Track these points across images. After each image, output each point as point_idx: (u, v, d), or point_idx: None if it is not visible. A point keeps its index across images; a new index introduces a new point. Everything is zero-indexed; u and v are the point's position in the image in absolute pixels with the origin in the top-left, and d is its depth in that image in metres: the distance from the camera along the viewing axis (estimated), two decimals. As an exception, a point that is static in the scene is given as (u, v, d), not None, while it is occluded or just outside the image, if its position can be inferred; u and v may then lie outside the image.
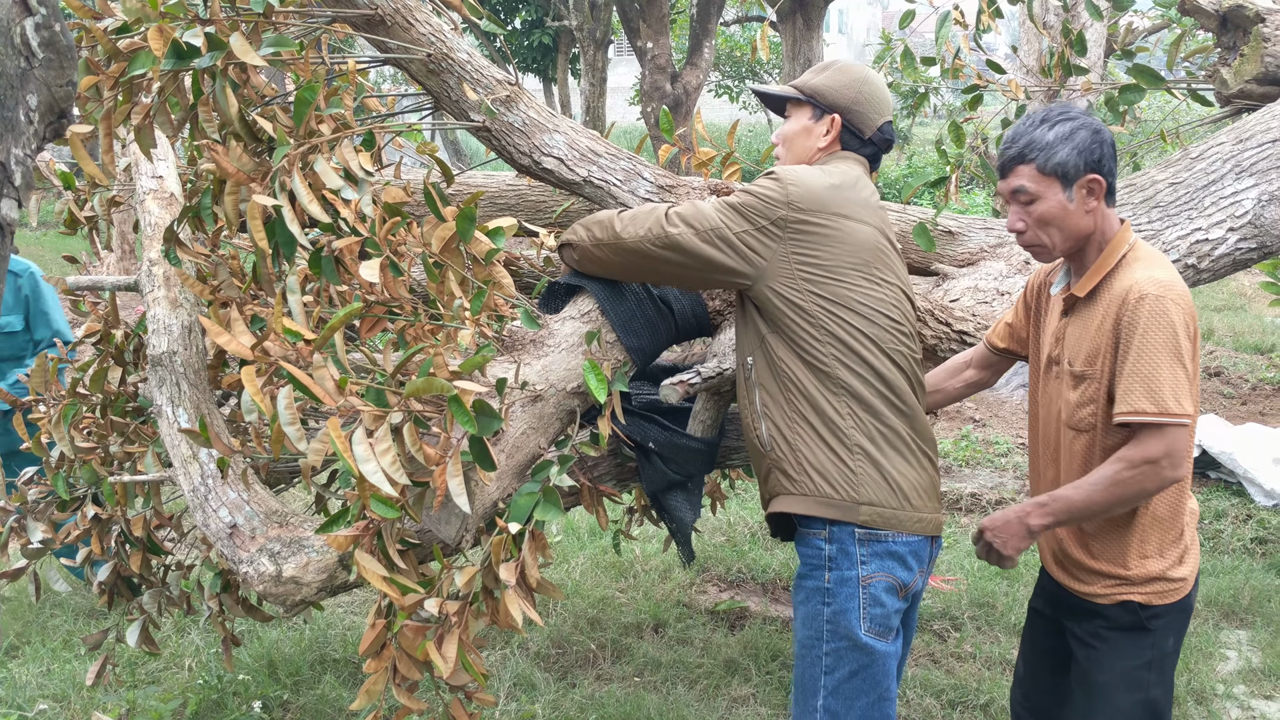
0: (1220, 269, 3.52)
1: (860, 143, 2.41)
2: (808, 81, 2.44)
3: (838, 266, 2.21)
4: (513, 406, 2.29)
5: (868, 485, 2.20)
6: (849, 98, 2.38)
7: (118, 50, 2.09)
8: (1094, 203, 2.21)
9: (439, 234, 2.32)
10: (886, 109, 2.43)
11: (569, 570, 4.69)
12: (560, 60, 17.11)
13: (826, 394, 2.21)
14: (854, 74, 2.41)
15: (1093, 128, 2.19)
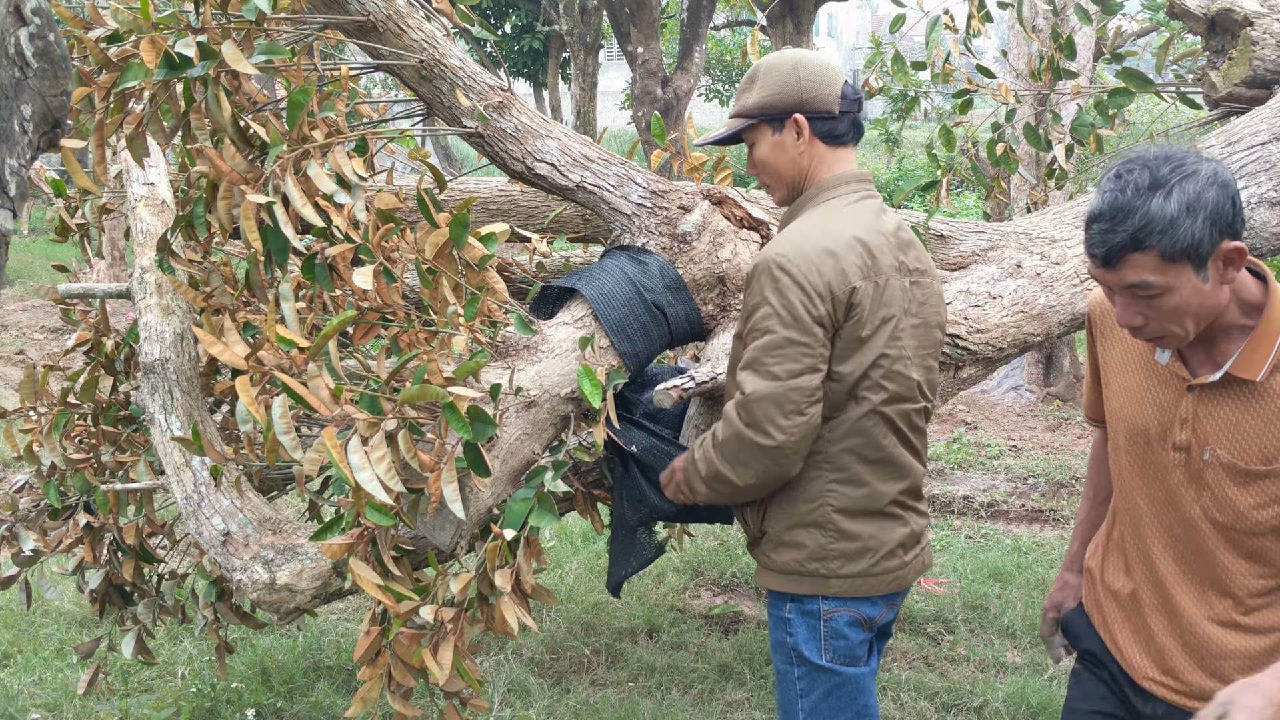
0: (1210, 271, 3.54)
1: (835, 120, 2.21)
2: (747, 103, 2.26)
3: (855, 337, 2.11)
4: (507, 412, 2.29)
5: (842, 560, 2.17)
6: (796, 91, 2.18)
7: (109, 60, 2.08)
8: (1233, 273, 1.73)
9: (432, 240, 2.32)
10: (834, 73, 2.22)
11: (563, 575, 4.69)
12: (551, 65, 17.11)
13: (812, 469, 2.15)
14: (783, 66, 2.22)
15: (1219, 180, 1.68)
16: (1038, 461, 6.09)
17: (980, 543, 5.15)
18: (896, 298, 2.15)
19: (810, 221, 2.17)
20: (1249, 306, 1.79)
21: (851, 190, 2.22)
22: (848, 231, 2.11)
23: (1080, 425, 6.77)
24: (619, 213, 2.58)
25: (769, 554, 2.25)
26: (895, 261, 2.16)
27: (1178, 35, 5.00)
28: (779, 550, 2.22)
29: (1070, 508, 5.48)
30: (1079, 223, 3.55)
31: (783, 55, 2.26)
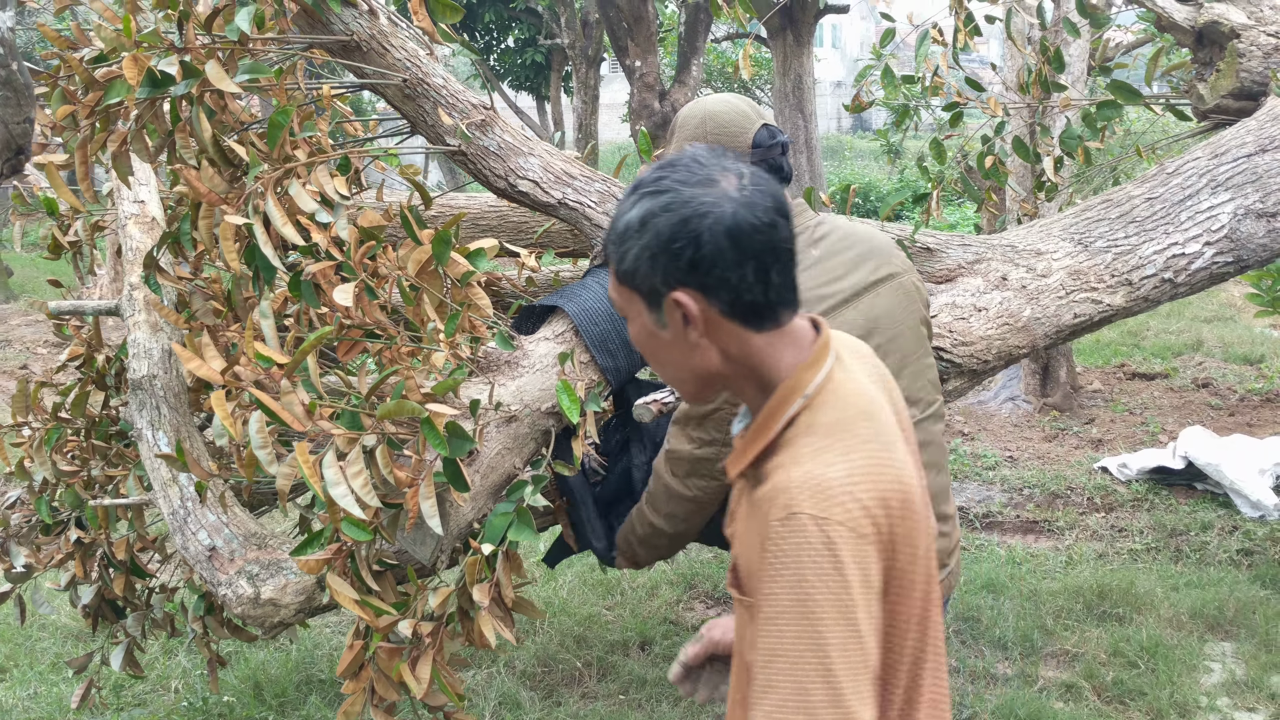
0: (1197, 283, 3.55)
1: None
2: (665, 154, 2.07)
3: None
4: (487, 427, 2.31)
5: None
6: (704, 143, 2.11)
7: (94, 80, 2.11)
8: (695, 334, 1.30)
9: (415, 257, 2.35)
10: (746, 121, 2.18)
11: (556, 588, 4.70)
12: (553, 78, 17.18)
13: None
14: (694, 119, 2.20)
15: (691, 210, 1.25)
16: (1033, 472, 6.09)
17: (974, 554, 5.15)
18: (858, 323, 2.10)
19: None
20: (766, 386, 1.33)
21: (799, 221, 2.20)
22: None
23: (1077, 435, 6.78)
24: (600, 228, 2.60)
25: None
26: (847, 285, 2.13)
27: (1170, 47, 5.03)
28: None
29: (1065, 519, 5.49)
30: (1066, 235, 3.57)
31: (695, 107, 2.24)
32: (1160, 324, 9.75)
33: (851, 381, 1.32)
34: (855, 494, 1.21)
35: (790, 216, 1.30)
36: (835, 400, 1.29)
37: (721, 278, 1.25)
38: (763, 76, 18.55)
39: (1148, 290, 3.49)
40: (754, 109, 2.24)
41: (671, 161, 1.29)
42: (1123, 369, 8.38)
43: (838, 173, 17.38)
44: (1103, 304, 3.43)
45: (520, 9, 15.88)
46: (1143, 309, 3.54)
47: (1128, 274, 3.47)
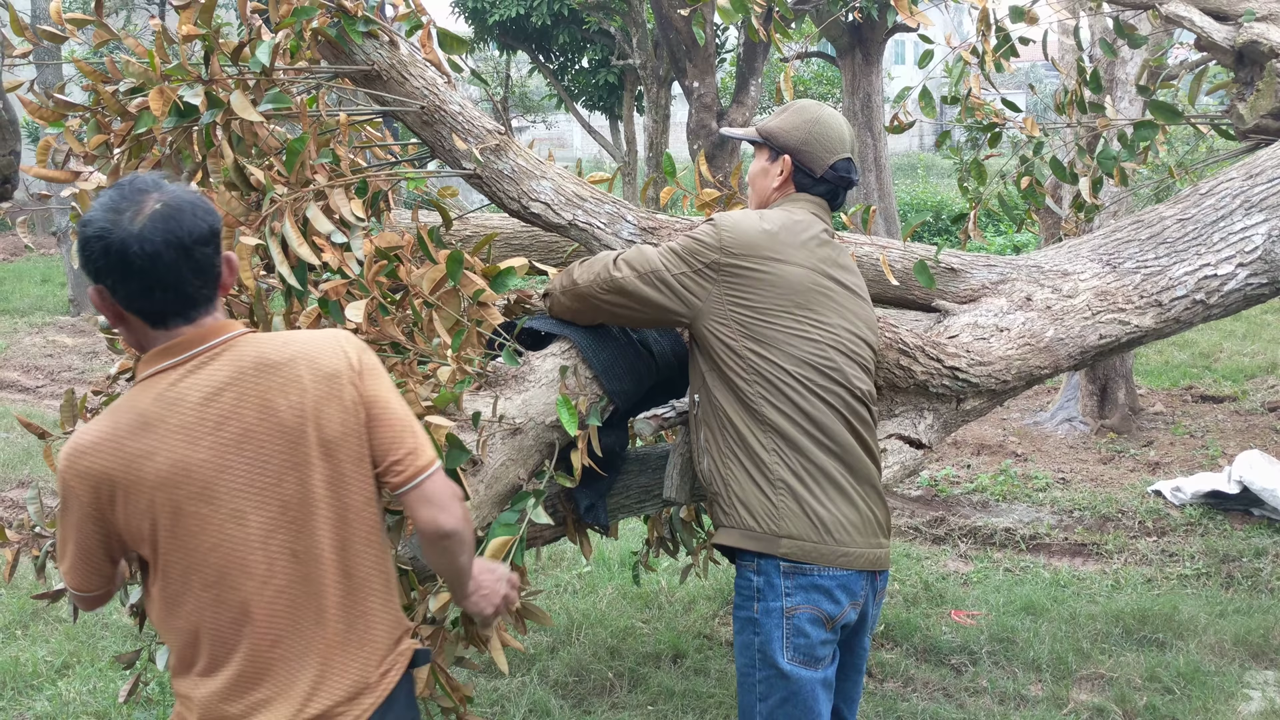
0: (1231, 304, 3.52)
1: (813, 181, 2.48)
2: (765, 124, 2.55)
3: (767, 308, 2.30)
4: (492, 439, 2.40)
5: (788, 519, 2.27)
6: (798, 138, 2.46)
7: (125, 110, 2.26)
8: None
9: (430, 275, 2.46)
10: (839, 147, 2.48)
11: (595, 601, 4.79)
12: (626, 98, 17.34)
13: (755, 430, 2.29)
14: (807, 114, 2.49)
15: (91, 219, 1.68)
16: (1085, 495, 6.03)
17: (1018, 575, 5.12)
18: (809, 270, 2.36)
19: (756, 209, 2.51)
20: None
21: (805, 208, 2.47)
22: (775, 220, 2.38)
23: (1134, 458, 6.69)
24: (610, 248, 2.69)
25: (726, 510, 2.36)
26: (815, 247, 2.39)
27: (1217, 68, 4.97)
28: (732, 505, 2.34)
29: (1114, 542, 5.43)
30: (1094, 256, 3.56)
31: (817, 107, 2.54)
32: (1235, 346, 9.54)
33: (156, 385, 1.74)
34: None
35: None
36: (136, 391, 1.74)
37: (111, 284, 1.69)
38: (834, 95, 18.53)
39: (1178, 312, 3.47)
40: (851, 140, 2.52)
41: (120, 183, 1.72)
42: (1190, 391, 8.23)
43: (910, 190, 17.27)
44: (1130, 325, 3.42)
45: (594, 30, 16.10)
46: (1174, 330, 3.52)
47: (1157, 295, 3.45)
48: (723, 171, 9.68)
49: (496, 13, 15.91)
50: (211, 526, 1.74)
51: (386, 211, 2.90)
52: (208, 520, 1.74)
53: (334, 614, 1.80)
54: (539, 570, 5.21)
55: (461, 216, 3.41)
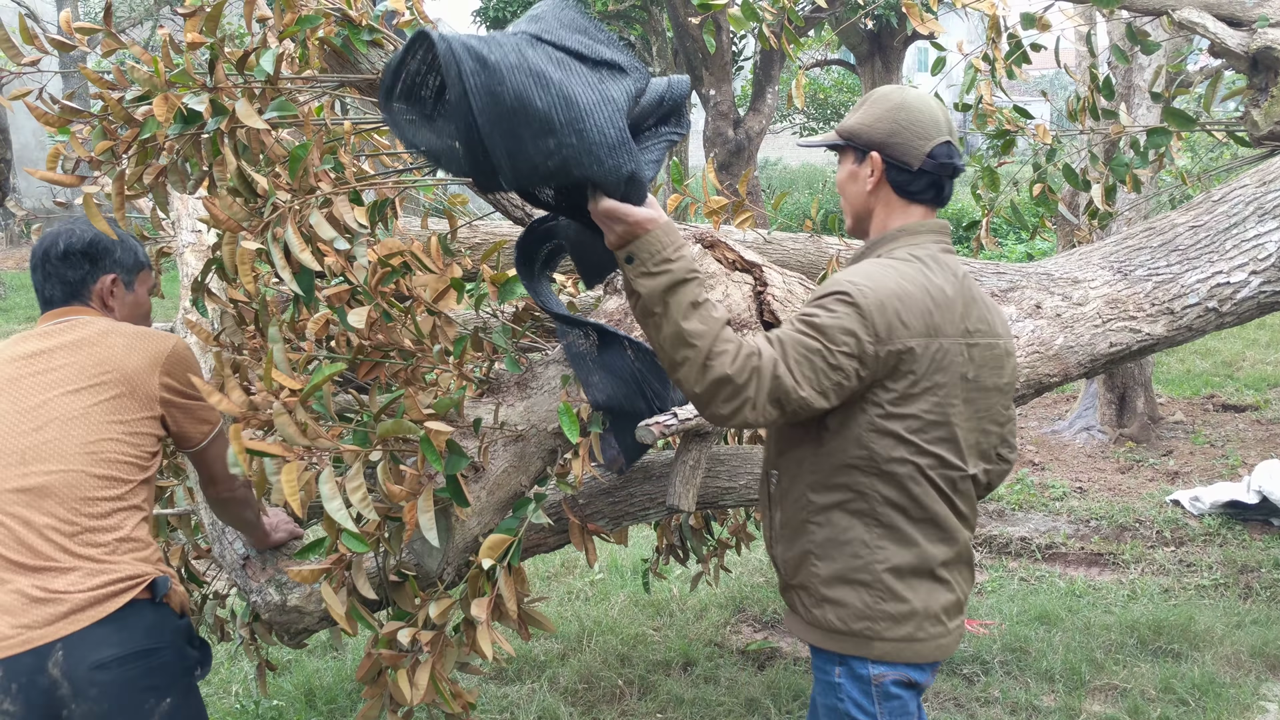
0: (1244, 313, 3.49)
1: (911, 175, 2.12)
2: (845, 124, 2.21)
3: (908, 394, 2.03)
4: (494, 445, 2.41)
5: (887, 621, 2.06)
6: (884, 130, 2.12)
7: (131, 117, 2.28)
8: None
9: (433, 285, 2.48)
10: (934, 130, 2.11)
11: (607, 608, 4.79)
12: (645, 106, 17.37)
13: (860, 521, 2.06)
14: (888, 101, 2.15)
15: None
16: (1102, 504, 5.99)
17: (1033, 585, 5.09)
18: (955, 362, 2.06)
19: (887, 264, 2.08)
20: None
21: (930, 241, 2.14)
22: (919, 284, 2.04)
23: (1153, 467, 6.63)
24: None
25: (810, 609, 2.13)
26: (959, 325, 2.07)
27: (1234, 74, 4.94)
28: (822, 606, 2.11)
29: (1131, 552, 5.38)
30: (1105, 263, 3.54)
31: (895, 91, 2.20)
32: (1258, 354, 9.47)
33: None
34: None
35: None
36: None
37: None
38: (854, 102, 18.51)
39: (1191, 319, 3.44)
40: (947, 121, 2.15)
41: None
42: (1212, 400, 8.17)
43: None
44: (1142, 333, 3.40)
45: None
46: (1186, 338, 3.49)
47: (1169, 303, 3.43)
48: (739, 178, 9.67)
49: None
50: None
51: (395, 219, 2.91)
52: None
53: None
54: (552, 578, 5.21)
55: (468, 223, 3.42)
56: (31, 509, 2.13)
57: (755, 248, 3.12)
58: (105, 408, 2.25)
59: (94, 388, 2.26)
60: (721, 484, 2.89)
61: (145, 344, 2.35)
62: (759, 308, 2.75)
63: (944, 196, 2.18)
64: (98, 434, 2.22)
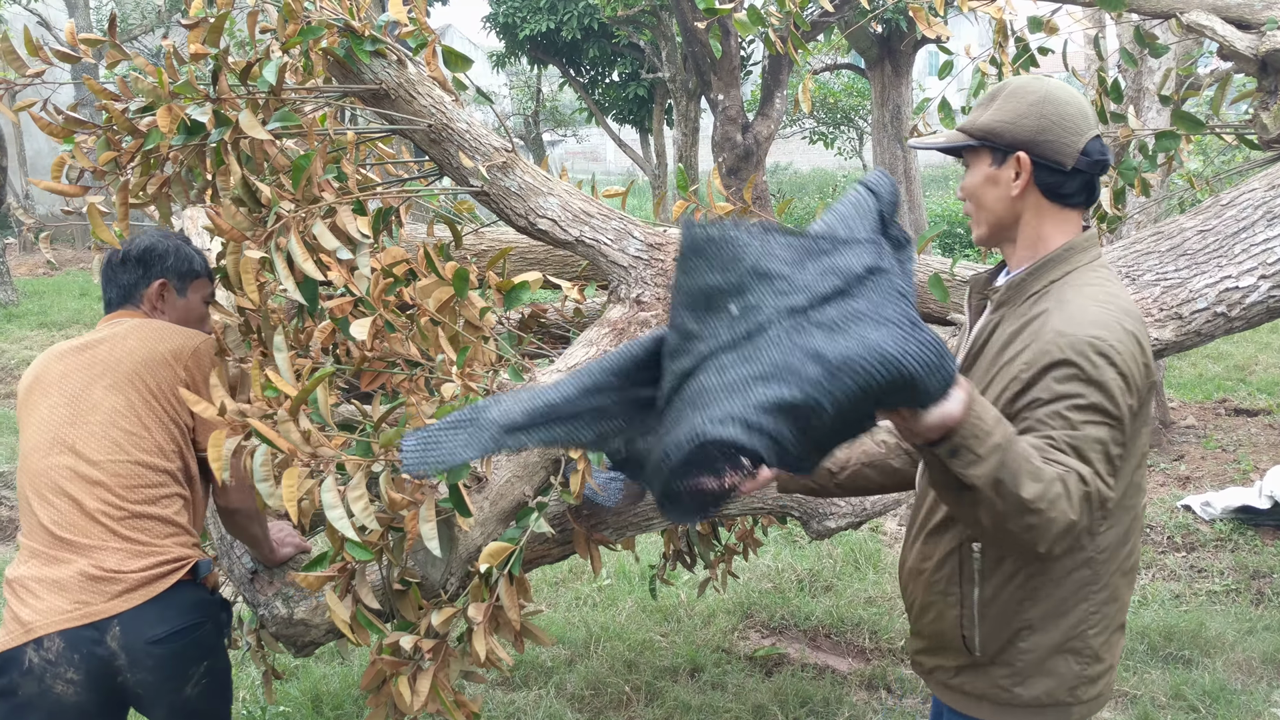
0: (1253, 317, 3.47)
1: (1064, 176, 1.89)
2: (976, 121, 1.96)
3: (1134, 433, 1.86)
4: (496, 455, 2.41)
5: (1088, 686, 1.93)
6: (1032, 126, 1.88)
7: (134, 128, 2.30)
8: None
9: (436, 293, 2.48)
10: (1086, 123, 1.90)
11: (614, 614, 4.78)
12: (656, 111, 17.38)
13: (1083, 590, 1.89)
14: (1031, 95, 1.90)
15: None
16: (1113, 509, 5.96)
17: (1043, 591, 5.07)
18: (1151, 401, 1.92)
19: (1098, 299, 1.85)
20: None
21: (1093, 255, 1.97)
22: (1133, 313, 1.86)
23: (1164, 472, 6.60)
24: (616, 264, 2.69)
25: (1010, 687, 1.93)
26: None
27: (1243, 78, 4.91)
28: (1028, 683, 1.91)
29: (1142, 557, 5.35)
30: (1113, 268, 3.53)
31: (1040, 83, 1.94)
32: (1271, 359, 9.42)
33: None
34: None
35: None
36: None
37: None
38: (864, 107, 18.48)
39: (1199, 324, 3.42)
40: (1092, 112, 1.93)
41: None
42: (1224, 404, 8.12)
43: (941, 202, 17.18)
44: (1150, 338, 3.38)
45: (623, 44, 16.16)
46: (1195, 343, 3.47)
47: (1177, 308, 3.41)
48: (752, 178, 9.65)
49: (527, 27, 16.00)
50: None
51: (400, 228, 2.92)
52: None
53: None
54: (560, 583, 5.21)
55: (475, 229, 3.43)
56: (83, 493, 2.36)
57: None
58: (142, 400, 2.45)
59: (130, 381, 2.45)
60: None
61: (171, 340, 2.54)
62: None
63: (1095, 197, 1.98)
64: (138, 425, 2.43)
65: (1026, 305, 1.91)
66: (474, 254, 3.62)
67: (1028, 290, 1.93)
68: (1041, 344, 1.80)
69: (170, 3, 15.06)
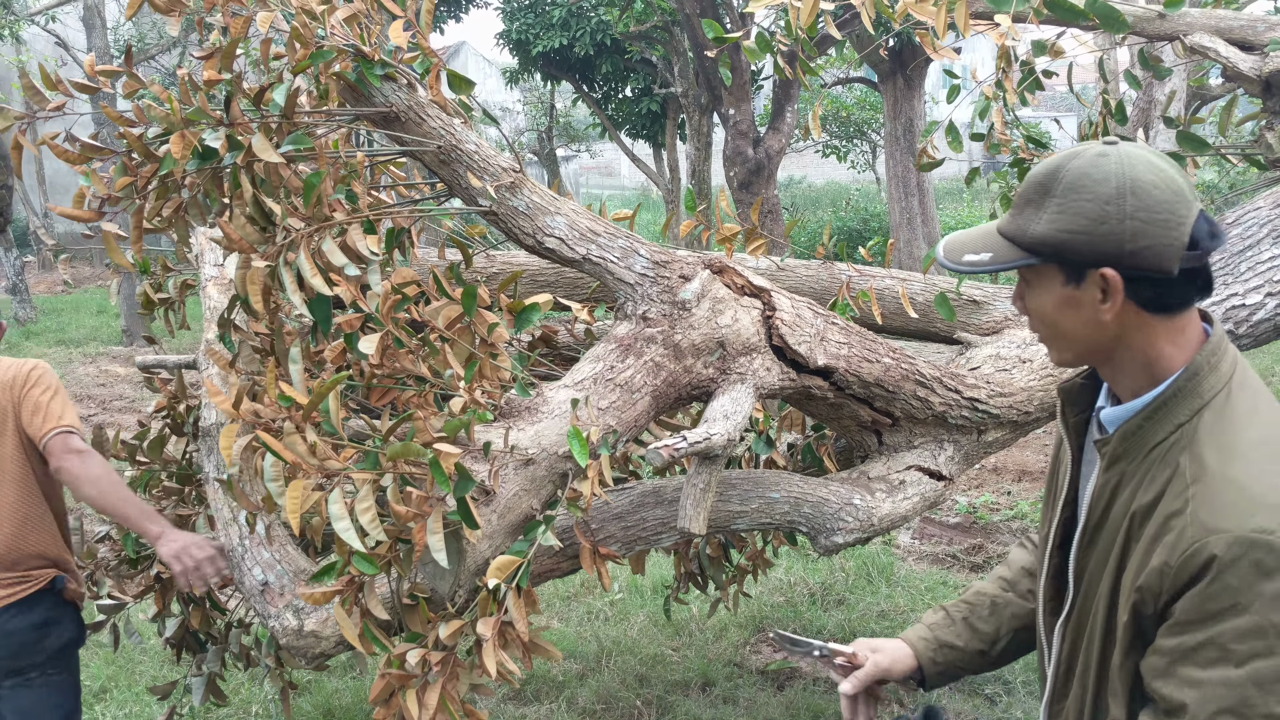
0: (1261, 334, 3.49)
1: (1169, 285, 1.42)
2: (1034, 231, 1.45)
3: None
4: (505, 469, 2.45)
5: None
6: (1115, 234, 1.40)
7: (150, 154, 2.35)
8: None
9: (445, 313, 2.53)
10: (1183, 205, 1.39)
11: (626, 628, 4.81)
12: (669, 126, 17.47)
13: None
14: (1104, 188, 1.40)
15: None
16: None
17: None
18: None
19: (1252, 450, 1.40)
20: None
21: (1230, 365, 1.47)
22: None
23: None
24: (623, 282, 2.73)
25: None
26: None
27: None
28: None
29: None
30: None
31: (1102, 165, 1.42)
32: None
33: None
34: None
35: None
36: None
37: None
38: (877, 120, 18.52)
39: (1206, 342, 3.43)
40: (1189, 184, 1.43)
41: None
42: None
43: (955, 215, 17.19)
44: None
45: (636, 60, 16.26)
46: (1202, 359, 3.48)
47: (1184, 324, 3.43)
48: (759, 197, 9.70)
49: (540, 43, 16.12)
50: None
51: (411, 248, 2.97)
52: None
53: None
54: (571, 597, 5.24)
55: (485, 251, 3.47)
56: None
57: (768, 275, 3.16)
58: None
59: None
60: (733, 508, 2.91)
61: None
62: (767, 332, 2.79)
63: (1211, 283, 1.47)
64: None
65: (1153, 462, 1.46)
66: (485, 276, 3.67)
67: (1149, 440, 1.48)
68: (1183, 539, 1.37)
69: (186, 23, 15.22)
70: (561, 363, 3.47)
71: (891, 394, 2.97)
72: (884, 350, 2.96)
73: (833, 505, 2.93)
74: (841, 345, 2.88)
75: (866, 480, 3.05)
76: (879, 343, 2.98)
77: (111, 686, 4.39)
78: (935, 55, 4.02)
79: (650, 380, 2.70)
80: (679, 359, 2.71)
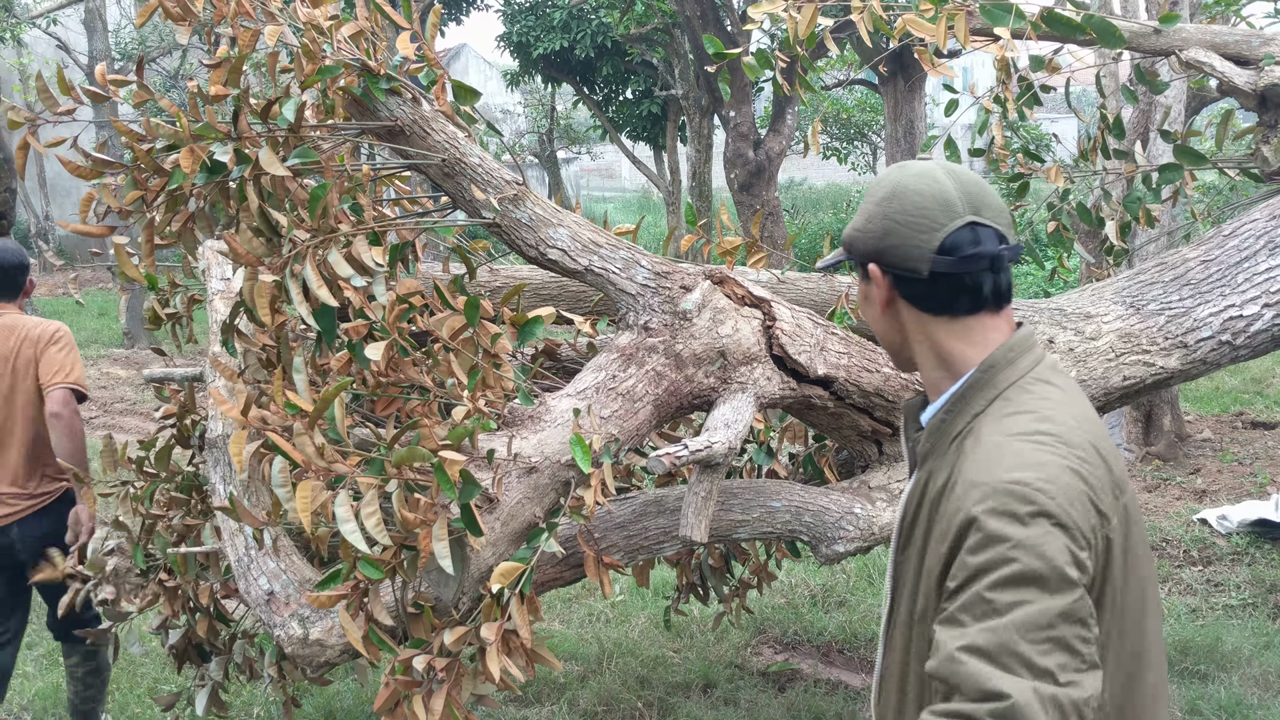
0: (1259, 346, 3.50)
1: (924, 284, 1.52)
2: (847, 229, 1.65)
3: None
4: (508, 477, 2.47)
5: None
6: (876, 231, 1.55)
7: (159, 168, 2.39)
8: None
9: (449, 323, 2.56)
10: (944, 212, 1.49)
11: (627, 630, 4.84)
12: (669, 128, 17.51)
13: None
14: (878, 191, 1.57)
15: None
16: (1124, 526, 5.98)
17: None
18: (1138, 531, 1.48)
19: (1023, 428, 1.44)
20: None
21: (1030, 361, 1.53)
22: (1080, 440, 1.43)
23: (1180, 486, 6.62)
24: (625, 293, 2.77)
25: None
26: (1121, 474, 1.48)
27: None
28: None
29: (1158, 571, 5.36)
30: (1118, 298, 3.56)
31: (888, 175, 1.59)
32: (1289, 371, 9.44)
33: None
34: None
35: None
36: None
37: None
38: (877, 122, 18.54)
39: (1205, 353, 3.45)
40: (969, 196, 1.49)
41: None
42: (1241, 417, 8.14)
43: (956, 217, 17.17)
44: (1155, 366, 3.42)
45: (637, 62, 16.30)
46: (1201, 372, 3.50)
47: (1182, 336, 3.44)
48: (759, 199, 9.71)
49: (541, 46, 16.15)
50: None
51: (416, 261, 3.00)
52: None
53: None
54: (573, 599, 5.27)
55: (488, 265, 3.50)
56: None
57: (769, 288, 3.19)
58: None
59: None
60: (735, 516, 2.95)
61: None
62: (768, 342, 2.82)
63: (1000, 292, 1.52)
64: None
65: (952, 453, 1.51)
66: (488, 290, 3.69)
67: (950, 432, 1.53)
68: (950, 505, 1.43)
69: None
70: (564, 375, 3.50)
71: (891, 403, 3.00)
72: (884, 360, 2.99)
73: (834, 514, 2.95)
74: (841, 355, 2.91)
75: (867, 489, 3.07)
76: (879, 352, 3.01)
77: (112, 689, 4.42)
78: (933, 72, 4.05)
79: (652, 389, 2.73)
80: (680, 368, 2.74)
